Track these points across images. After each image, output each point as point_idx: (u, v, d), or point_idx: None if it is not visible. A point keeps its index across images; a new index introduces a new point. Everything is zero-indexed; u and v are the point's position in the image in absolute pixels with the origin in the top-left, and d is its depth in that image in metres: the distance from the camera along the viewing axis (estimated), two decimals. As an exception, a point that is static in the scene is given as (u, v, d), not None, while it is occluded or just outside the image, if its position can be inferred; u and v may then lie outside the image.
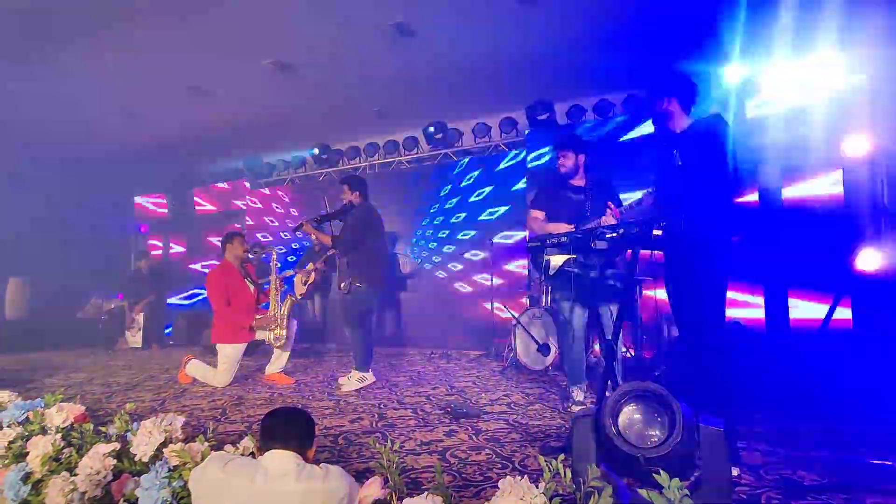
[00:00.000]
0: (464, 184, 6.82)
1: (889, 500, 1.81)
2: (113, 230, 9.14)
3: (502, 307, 5.91)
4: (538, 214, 3.45)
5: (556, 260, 3.18)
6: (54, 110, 6.26)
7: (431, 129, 6.69)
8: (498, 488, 1.43)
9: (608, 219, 3.00)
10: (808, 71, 4.75)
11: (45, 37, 4.62)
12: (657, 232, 1.92)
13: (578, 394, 3.30)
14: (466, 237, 6.75)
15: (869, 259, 4.25)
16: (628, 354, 4.53)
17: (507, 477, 1.43)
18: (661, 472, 1.27)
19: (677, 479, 1.25)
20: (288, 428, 1.60)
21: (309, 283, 6.21)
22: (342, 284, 4.08)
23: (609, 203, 3.09)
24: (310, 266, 6.19)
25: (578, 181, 3.39)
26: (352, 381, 3.95)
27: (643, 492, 1.28)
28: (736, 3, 4.16)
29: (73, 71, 5.26)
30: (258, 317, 4.30)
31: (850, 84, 4.55)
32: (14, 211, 7.84)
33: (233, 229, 5.72)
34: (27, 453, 2.11)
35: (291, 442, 1.56)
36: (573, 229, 3.01)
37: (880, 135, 4.47)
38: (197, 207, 9.10)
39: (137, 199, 9.56)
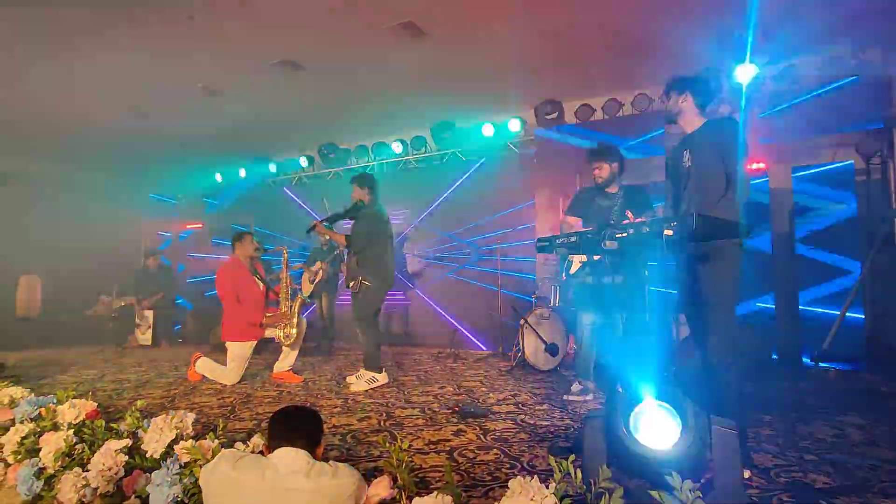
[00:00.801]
0: (471, 182, 6.82)
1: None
2: (123, 228, 9.21)
3: (512, 308, 5.89)
4: (573, 221, 3.59)
5: (576, 261, 3.28)
6: (64, 108, 6.32)
7: (439, 128, 6.68)
8: (506, 488, 1.43)
9: None
10: (818, 68, 4.70)
11: (55, 35, 4.66)
12: (668, 232, 1.90)
13: (576, 386, 3.57)
14: (473, 236, 6.75)
15: (882, 260, 4.20)
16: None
17: (518, 477, 1.42)
18: (673, 473, 1.27)
19: (689, 480, 1.24)
20: (297, 426, 1.61)
21: (316, 281, 6.25)
22: (351, 284, 4.07)
23: (627, 211, 3.12)
24: (317, 265, 6.22)
25: (612, 188, 3.52)
26: (361, 381, 3.94)
27: (655, 493, 1.28)
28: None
29: (85, 69, 5.30)
30: (268, 314, 4.33)
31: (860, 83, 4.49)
32: (25, 209, 7.93)
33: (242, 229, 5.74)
34: (40, 449, 2.13)
35: (300, 440, 1.57)
36: None
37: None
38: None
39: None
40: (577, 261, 3.34)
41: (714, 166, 2.28)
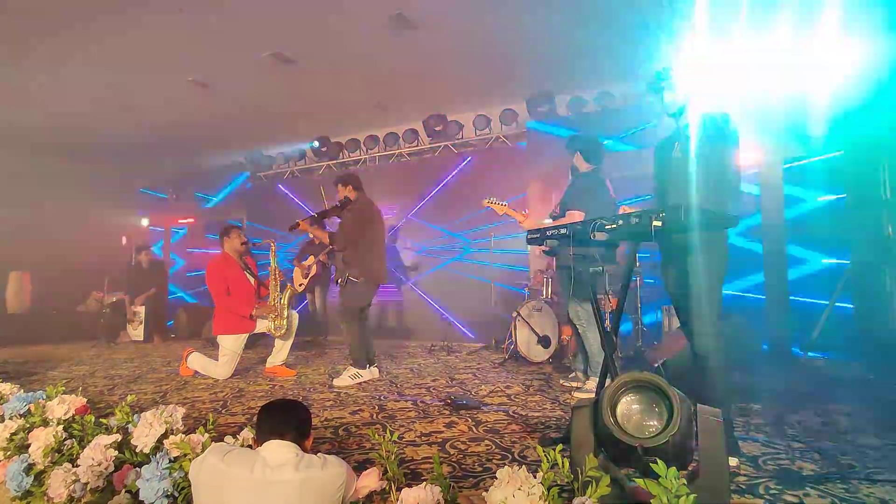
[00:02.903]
0: (463, 174, 6.80)
1: (887, 491, 1.82)
2: (115, 223, 9.14)
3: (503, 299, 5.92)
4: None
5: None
6: (54, 103, 6.25)
7: (432, 121, 6.66)
8: (497, 478, 1.43)
9: (568, 219, 3.34)
10: (807, 60, 4.70)
11: (45, 29, 4.60)
12: (657, 223, 1.90)
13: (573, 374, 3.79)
14: (466, 229, 6.74)
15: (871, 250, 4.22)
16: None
17: (506, 466, 1.43)
18: (659, 461, 1.27)
19: (674, 468, 1.25)
20: (285, 419, 1.61)
21: (311, 275, 6.22)
22: (339, 280, 4.06)
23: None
24: (310, 259, 6.20)
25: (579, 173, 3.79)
26: (345, 376, 3.88)
27: (641, 481, 1.29)
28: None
29: (73, 63, 5.24)
30: (258, 306, 4.31)
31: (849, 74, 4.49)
32: (15, 204, 7.84)
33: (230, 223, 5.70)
34: (29, 445, 2.12)
35: (289, 433, 1.57)
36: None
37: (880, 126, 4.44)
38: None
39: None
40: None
41: (705, 159, 2.27)
